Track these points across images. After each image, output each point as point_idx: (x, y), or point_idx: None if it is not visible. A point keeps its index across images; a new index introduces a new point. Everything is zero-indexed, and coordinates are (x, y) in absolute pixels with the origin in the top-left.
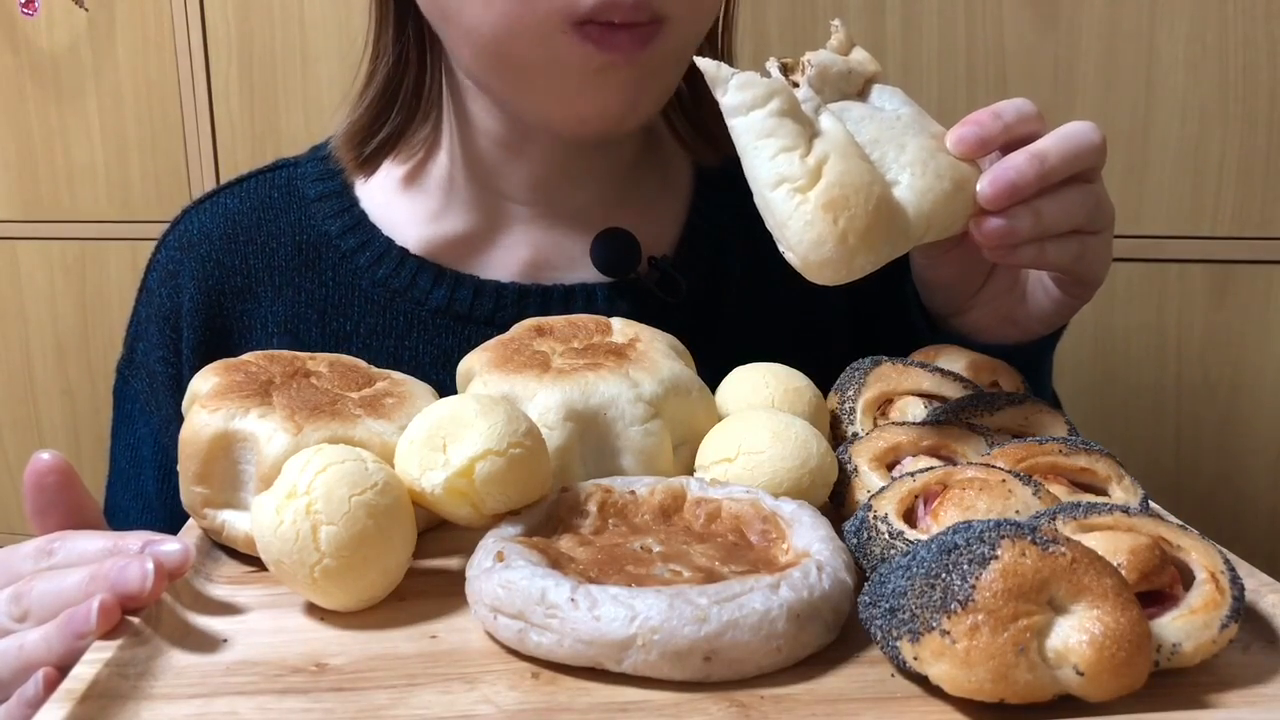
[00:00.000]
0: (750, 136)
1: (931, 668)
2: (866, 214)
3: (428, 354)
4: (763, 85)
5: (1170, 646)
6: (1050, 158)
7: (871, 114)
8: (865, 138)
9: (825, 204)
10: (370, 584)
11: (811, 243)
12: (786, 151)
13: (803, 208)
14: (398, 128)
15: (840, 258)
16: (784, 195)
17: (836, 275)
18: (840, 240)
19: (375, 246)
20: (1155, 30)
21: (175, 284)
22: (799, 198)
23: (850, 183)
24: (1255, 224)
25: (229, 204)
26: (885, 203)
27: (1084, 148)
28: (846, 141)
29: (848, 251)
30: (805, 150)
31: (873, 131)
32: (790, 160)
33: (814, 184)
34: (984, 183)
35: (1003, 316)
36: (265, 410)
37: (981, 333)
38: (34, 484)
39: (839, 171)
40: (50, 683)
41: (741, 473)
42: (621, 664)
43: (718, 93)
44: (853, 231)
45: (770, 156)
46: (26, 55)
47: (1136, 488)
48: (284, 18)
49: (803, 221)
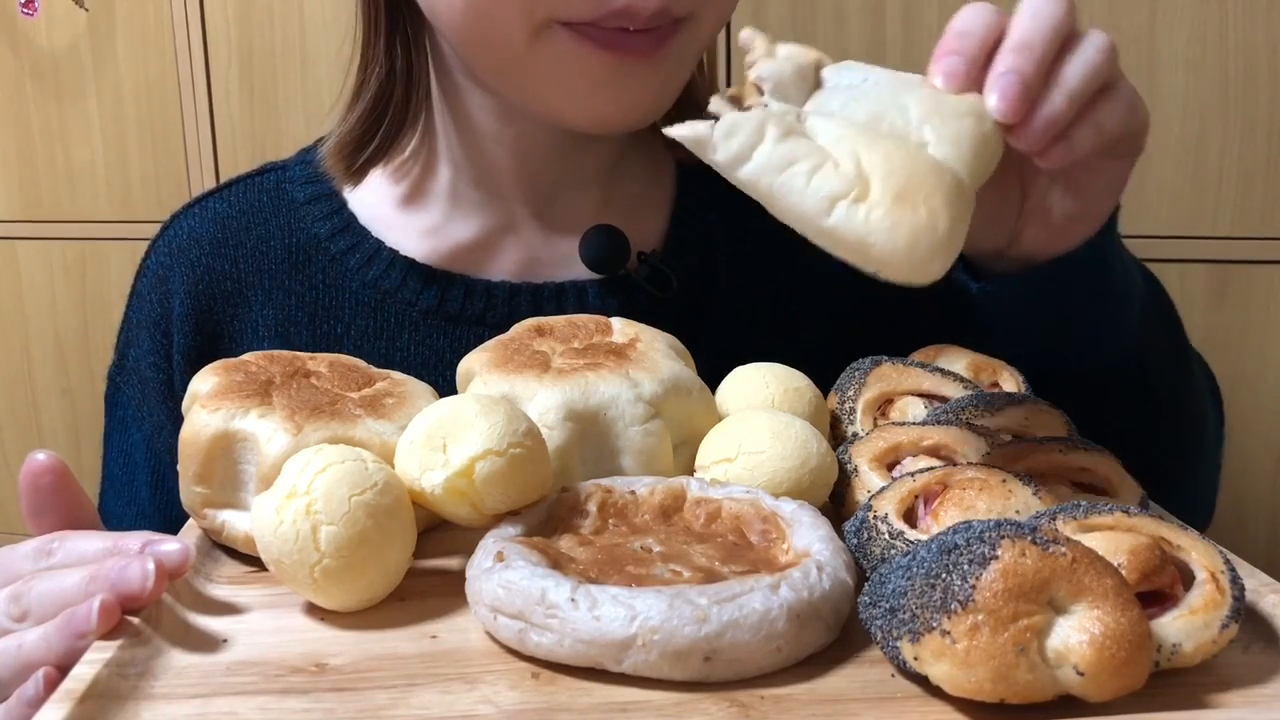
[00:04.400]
0: (769, 178)
1: (932, 668)
2: (938, 186)
3: (419, 355)
4: (750, 120)
5: (1170, 646)
6: (1036, 41)
7: (850, 94)
8: (864, 117)
9: (897, 198)
10: (370, 584)
11: (906, 245)
12: (818, 170)
13: (875, 215)
14: (388, 137)
15: (941, 242)
16: (845, 215)
17: (945, 262)
18: (931, 227)
19: (365, 249)
20: (1155, 30)
21: (165, 289)
22: (863, 208)
23: (900, 163)
24: (1255, 224)
25: (218, 208)
26: (938, 165)
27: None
28: (857, 128)
29: (944, 232)
30: (831, 160)
31: (866, 108)
32: (828, 177)
33: (868, 186)
34: (993, 101)
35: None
36: (265, 410)
37: (1047, 248)
38: (29, 484)
39: (881, 159)
40: (50, 682)
41: (741, 473)
42: (621, 664)
43: (709, 153)
44: (935, 210)
45: (805, 186)
46: (26, 55)
47: (1137, 488)
48: (284, 18)
49: (885, 230)
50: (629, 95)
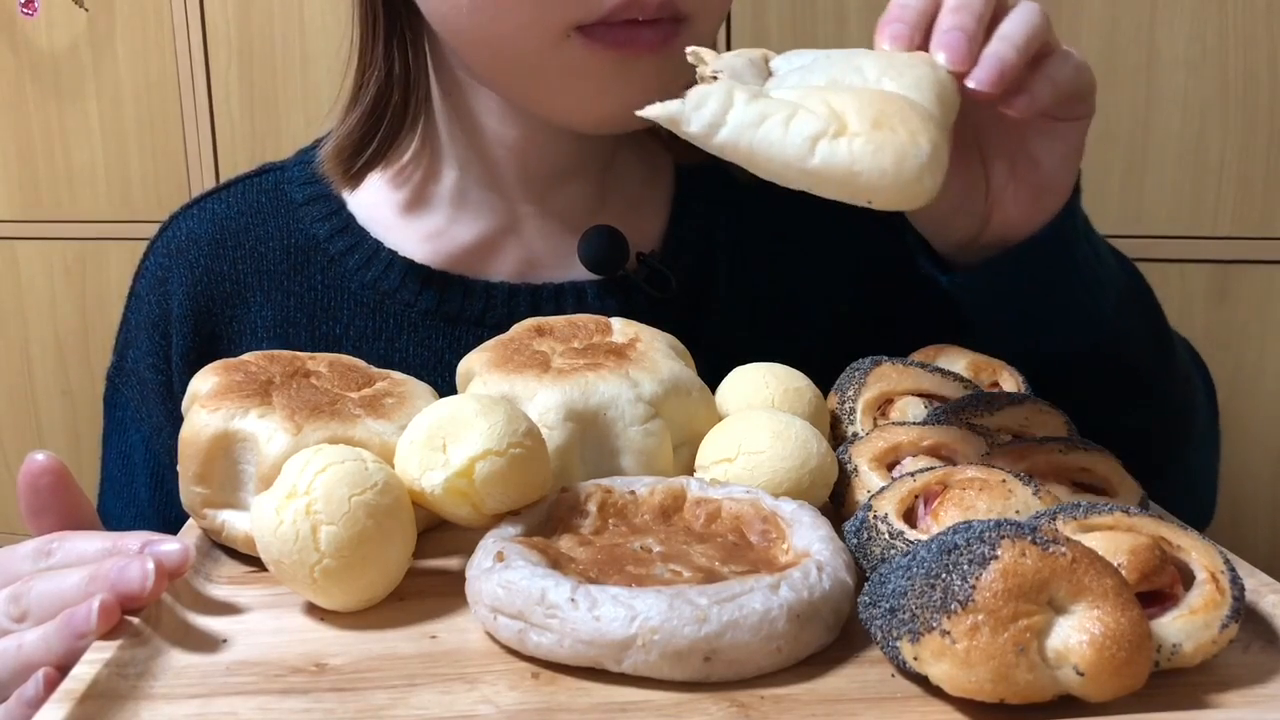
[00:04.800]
0: (746, 135)
1: (932, 668)
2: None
3: (418, 356)
4: (717, 88)
5: (1170, 646)
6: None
7: (803, 72)
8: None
9: (875, 123)
10: (370, 584)
11: (894, 165)
12: (793, 118)
13: (856, 144)
14: (386, 141)
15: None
16: (829, 150)
17: (935, 180)
18: (914, 144)
19: (364, 249)
20: (1155, 30)
21: (164, 290)
22: (844, 140)
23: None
24: (1255, 224)
25: (216, 209)
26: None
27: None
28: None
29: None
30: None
31: (822, 75)
32: (805, 120)
33: (845, 121)
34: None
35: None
36: (265, 410)
37: (1019, 226)
38: (28, 485)
39: (853, 98)
40: (50, 683)
41: (741, 473)
42: (621, 664)
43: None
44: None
45: (784, 135)
46: (26, 55)
47: (1137, 488)
48: (284, 18)
49: (870, 154)
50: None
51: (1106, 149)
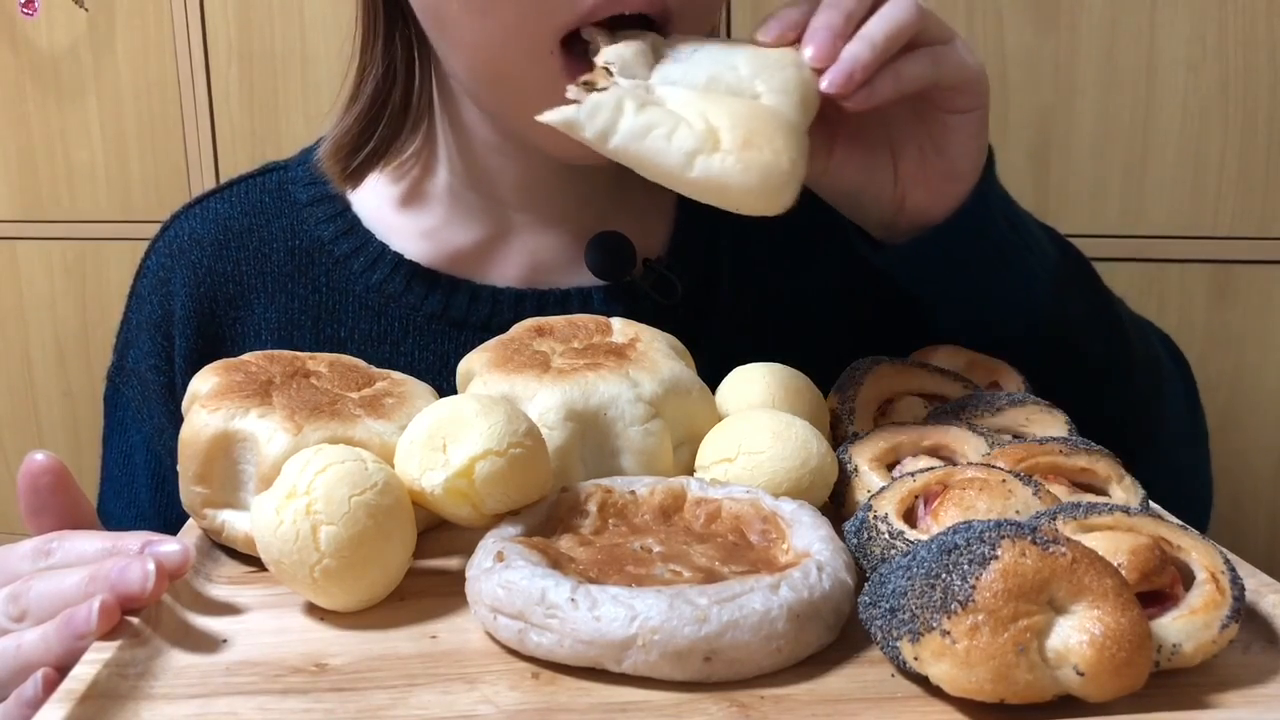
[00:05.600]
0: (635, 145)
1: (932, 668)
2: (777, 129)
3: (423, 360)
4: (608, 98)
5: (1170, 646)
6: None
7: (686, 63)
8: (703, 79)
9: (744, 144)
10: (370, 584)
11: (759, 181)
12: (674, 131)
13: (728, 161)
14: (385, 140)
15: (786, 175)
16: (703, 166)
17: (793, 193)
18: (776, 163)
19: (369, 252)
20: (1155, 30)
21: (167, 291)
22: (718, 156)
23: (742, 114)
24: (1255, 224)
25: (219, 209)
26: (772, 111)
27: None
28: (700, 91)
29: (788, 166)
30: (684, 121)
31: (703, 71)
32: (683, 135)
33: (718, 139)
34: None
35: (938, 177)
36: (265, 410)
37: (931, 209)
38: (28, 485)
39: (727, 113)
40: (49, 683)
41: (741, 473)
42: (621, 664)
43: (579, 131)
44: (778, 149)
45: (667, 147)
46: (26, 55)
47: (1136, 488)
48: (284, 18)
49: (738, 172)
50: None
51: (1106, 149)
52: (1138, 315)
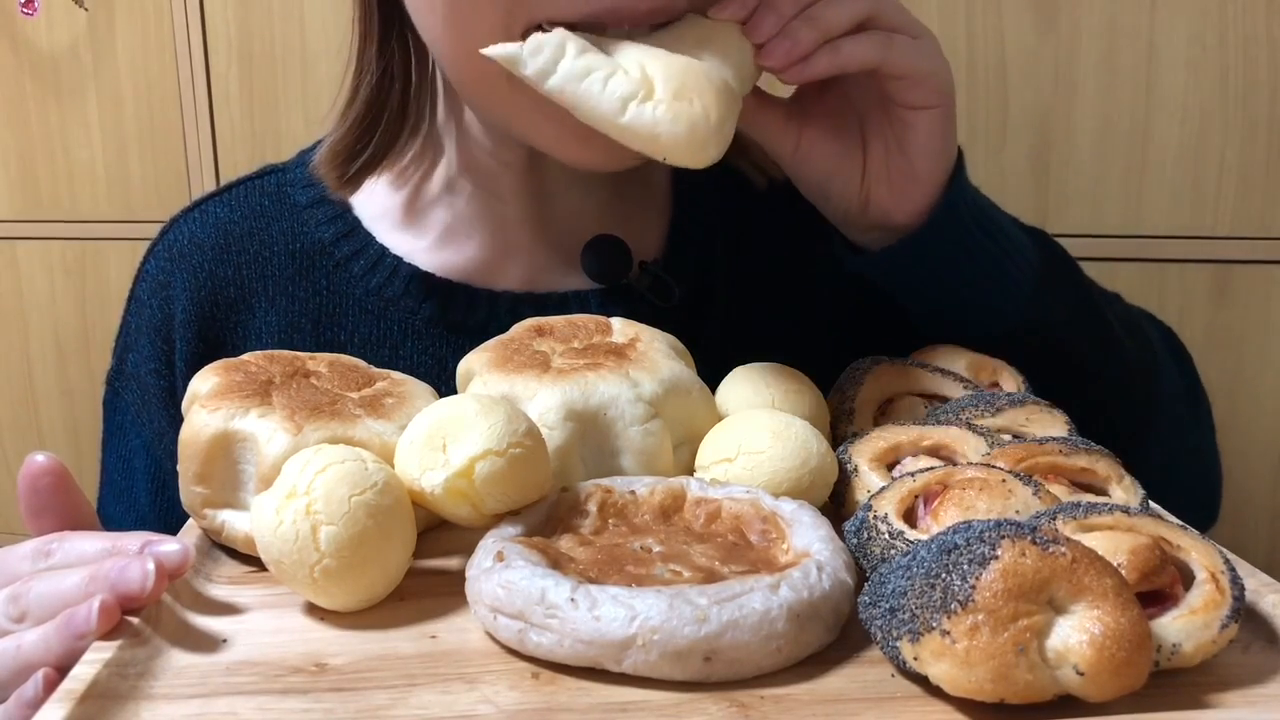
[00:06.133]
0: (571, 85)
1: (931, 668)
2: (708, 85)
3: (422, 363)
4: (552, 38)
5: (1170, 646)
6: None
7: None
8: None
9: (675, 94)
10: (370, 584)
11: (686, 132)
12: (611, 77)
13: (659, 109)
14: (382, 147)
15: (713, 129)
16: (636, 112)
17: (719, 149)
18: (705, 117)
19: (369, 255)
20: (1155, 30)
21: (166, 295)
22: (650, 105)
23: (678, 69)
24: (1255, 224)
25: (219, 212)
26: (707, 72)
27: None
28: (647, 46)
29: (716, 121)
30: (622, 69)
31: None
32: (620, 82)
33: (652, 88)
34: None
35: (899, 175)
36: (265, 410)
37: (894, 210)
38: (28, 486)
39: (663, 66)
40: (50, 683)
41: (741, 473)
42: (621, 664)
43: (519, 69)
44: (707, 104)
45: (601, 90)
46: (26, 55)
47: (1136, 488)
48: (284, 18)
49: (668, 121)
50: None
51: (1106, 149)
52: (1133, 307)
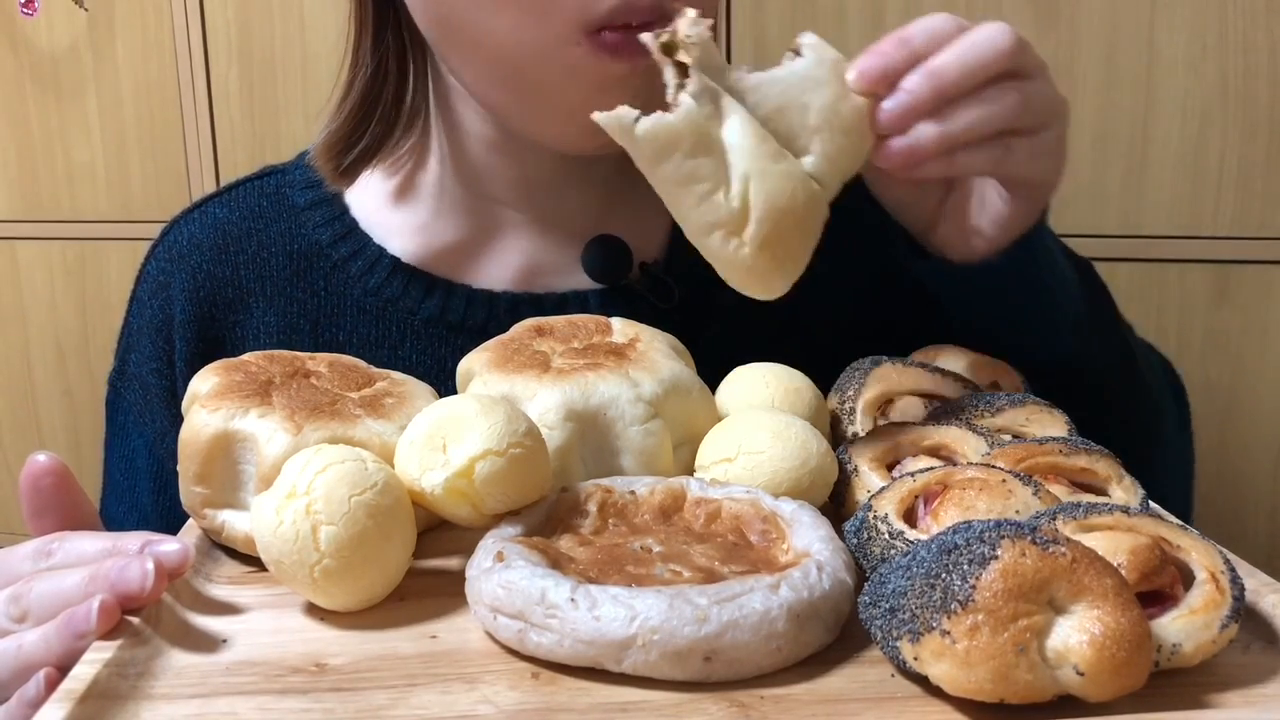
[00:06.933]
0: (669, 185)
1: (931, 668)
2: (801, 233)
3: (421, 364)
4: (667, 130)
5: (1170, 646)
6: (948, 73)
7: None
8: (769, 108)
9: (761, 245)
10: (370, 584)
11: (758, 281)
12: (709, 197)
13: (740, 252)
14: (377, 138)
15: (787, 280)
16: (719, 242)
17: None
18: (780, 271)
19: (367, 255)
20: (1155, 30)
21: (166, 295)
22: (735, 242)
23: (778, 208)
24: (1255, 224)
25: (218, 213)
26: (809, 203)
27: (988, 56)
28: (756, 143)
29: (789, 273)
30: (726, 185)
31: (774, 99)
32: (715, 205)
33: (744, 224)
34: (879, 110)
35: (968, 230)
36: (265, 410)
37: (951, 248)
38: (30, 486)
39: (764, 199)
40: (51, 683)
41: (741, 473)
42: (621, 664)
43: (627, 145)
44: (790, 257)
45: (695, 205)
46: (26, 55)
47: (1136, 488)
48: (284, 18)
49: (744, 268)
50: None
51: (1106, 149)
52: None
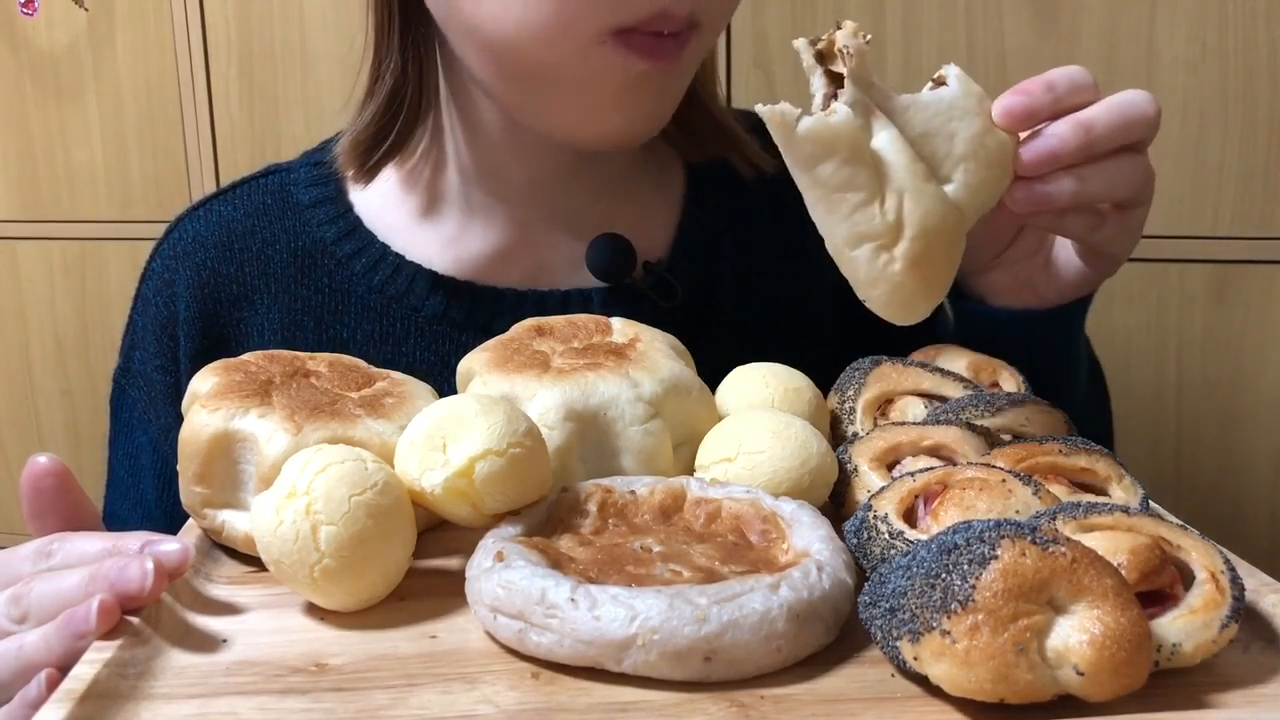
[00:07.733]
0: (822, 191)
1: (932, 668)
2: (948, 259)
3: (424, 361)
4: (829, 132)
5: (1170, 646)
6: (1097, 127)
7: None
8: (916, 132)
9: (912, 262)
10: (370, 584)
11: (902, 301)
12: (864, 207)
13: (890, 268)
14: (401, 135)
15: (931, 304)
16: (868, 255)
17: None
18: (926, 292)
19: (371, 253)
20: (1155, 30)
21: (171, 292)
22: (885, 256)
23: (931, 227)
24: (1255, 224)
25: (223, 211)
26: (958, 229)
27: (1135, 118)
28: (909, 163)
29: (932, 297)
30: (881, 198)
31: (921, 123)
32: (869, 216)
33: (897, 239)
34: (1025, 155)
35: (1023, 281)
36: (265, 410)
37: (999, 294)
38: (31, 487)
39: (919, 217)
40: (52, 684)
41: (741, 473)
42: (621, 664)
43: (782, 143)
44: (936, 280)
45: (848, 215)
46: (26, 55)
47: (1136, 488)
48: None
49: (892, 284)
50: (637, 108)
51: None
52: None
